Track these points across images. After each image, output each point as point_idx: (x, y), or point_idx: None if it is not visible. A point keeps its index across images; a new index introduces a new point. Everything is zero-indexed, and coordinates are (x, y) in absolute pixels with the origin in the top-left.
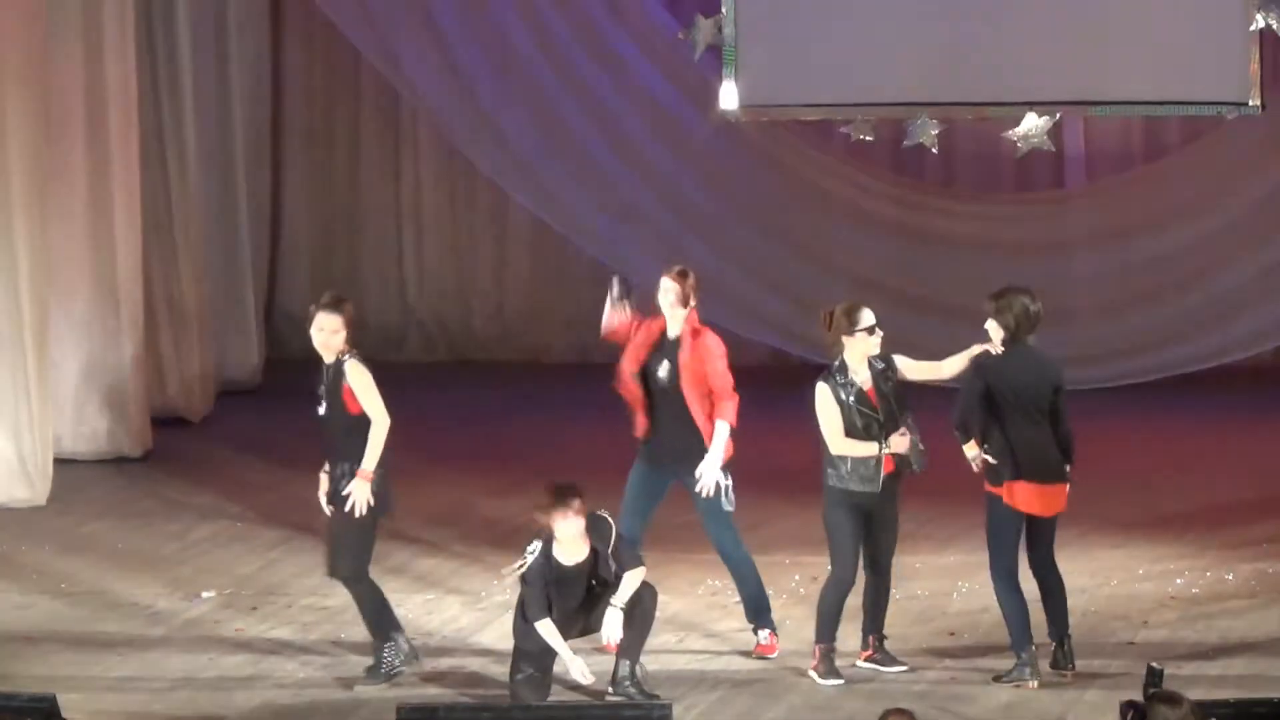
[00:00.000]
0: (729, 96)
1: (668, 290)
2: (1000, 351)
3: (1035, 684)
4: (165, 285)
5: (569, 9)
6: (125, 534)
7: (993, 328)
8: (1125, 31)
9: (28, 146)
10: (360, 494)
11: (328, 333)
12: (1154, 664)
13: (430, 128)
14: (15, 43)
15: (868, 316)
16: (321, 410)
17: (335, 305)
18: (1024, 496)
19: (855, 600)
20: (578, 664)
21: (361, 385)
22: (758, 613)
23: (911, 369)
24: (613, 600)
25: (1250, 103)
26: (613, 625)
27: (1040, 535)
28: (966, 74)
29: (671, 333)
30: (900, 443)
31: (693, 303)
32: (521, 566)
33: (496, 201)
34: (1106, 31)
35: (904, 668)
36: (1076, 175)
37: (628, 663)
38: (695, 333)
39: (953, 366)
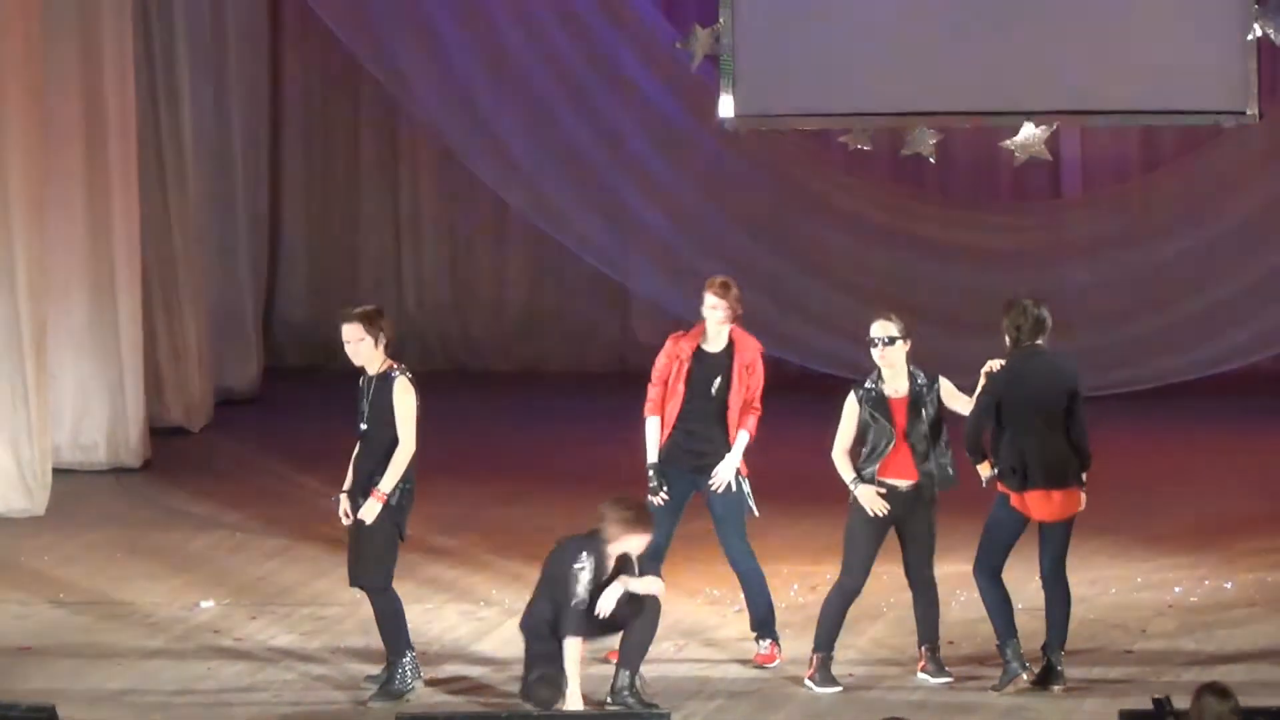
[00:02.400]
0: (726, 106)
1: (715, 306)
2: (1003, 362)
3: (1027, 676)
4: (163, 295)
5: (567, 18)
6: (124, 544)
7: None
8: (1122, 41)
9: (25, 155)
10: (370, 514)
11: (354, 343)
12: (1156, 697)
13: (428, 138)
14: (12, 51)
15: (873, 328)
16: (363, 426)
17: (352, 315)
18: (1036, 504)
19: (856, 610)
20: (575, 697)
21: (402, 405)
22: (763, 623)
23: (950, 396)
24: (623, 576)
25: (1248, 111)
26: (610, 596)
27: (1052, 543)
28: (964, 83)
29: (717, 345)
30: (867, 494)
31: (739, 313)
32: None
33: (495, 211)
34: (1104, 41)
35: (949, 679)
36: (1073, 184)
37: (627, 672)
38: (750, 346)
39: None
